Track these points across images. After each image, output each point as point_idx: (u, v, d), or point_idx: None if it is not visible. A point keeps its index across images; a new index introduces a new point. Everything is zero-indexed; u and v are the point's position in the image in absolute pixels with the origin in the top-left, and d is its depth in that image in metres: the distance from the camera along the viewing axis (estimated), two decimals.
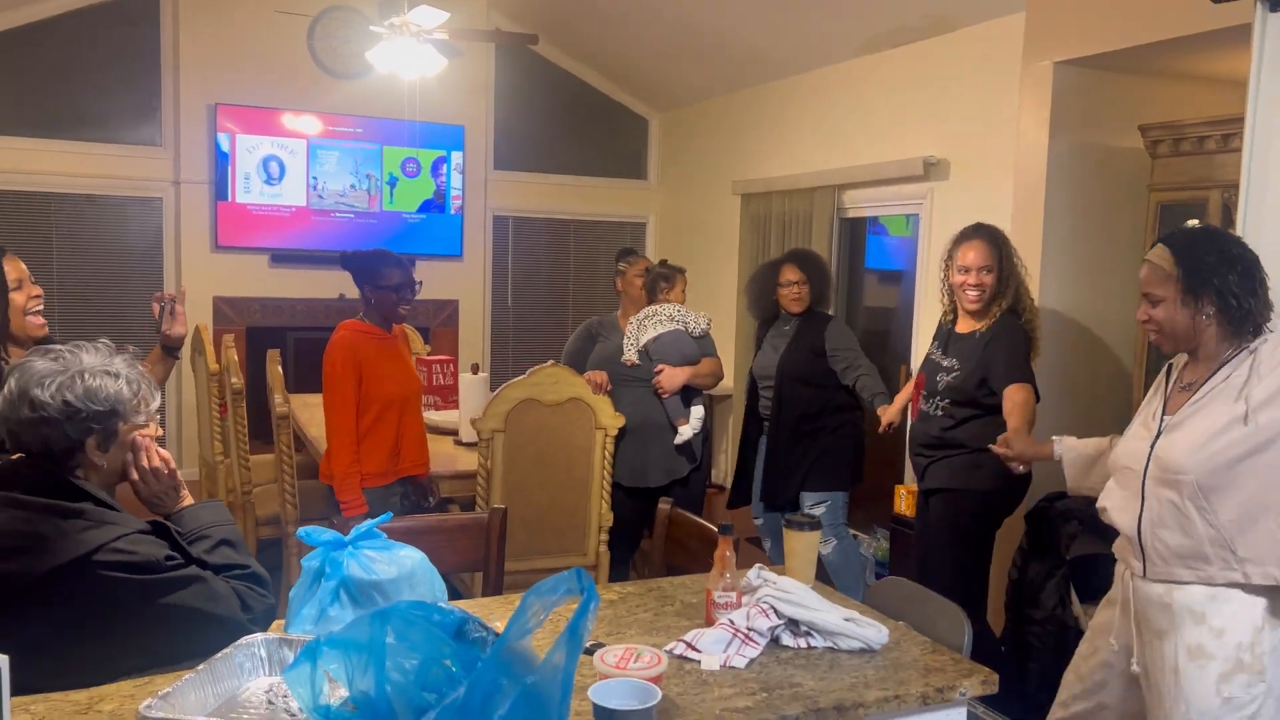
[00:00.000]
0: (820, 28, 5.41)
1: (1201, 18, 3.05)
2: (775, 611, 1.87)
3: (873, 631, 1.85)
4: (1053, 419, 3.79)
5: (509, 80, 7.21)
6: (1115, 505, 2.19)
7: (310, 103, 6.49)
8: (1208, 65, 3.71)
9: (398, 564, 1.82)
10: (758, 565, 2.02)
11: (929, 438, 3.35)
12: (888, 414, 3.76)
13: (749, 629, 1.84)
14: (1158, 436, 2.11)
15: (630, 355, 3.87)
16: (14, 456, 1.73)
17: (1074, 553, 3.40)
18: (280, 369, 4.08)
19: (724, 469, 6.90)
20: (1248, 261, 2.01)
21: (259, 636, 1.66)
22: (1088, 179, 3.94)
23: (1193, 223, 3.10)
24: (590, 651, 1.66)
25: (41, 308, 2.51)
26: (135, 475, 1.77)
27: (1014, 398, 3.14)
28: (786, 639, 1.86)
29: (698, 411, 3.88)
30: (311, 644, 1.35)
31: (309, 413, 4.38)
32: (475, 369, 4.42)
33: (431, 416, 4.24)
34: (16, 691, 1.46)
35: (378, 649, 1.33)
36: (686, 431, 3.85)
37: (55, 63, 6.04)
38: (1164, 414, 2.14)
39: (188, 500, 1.84)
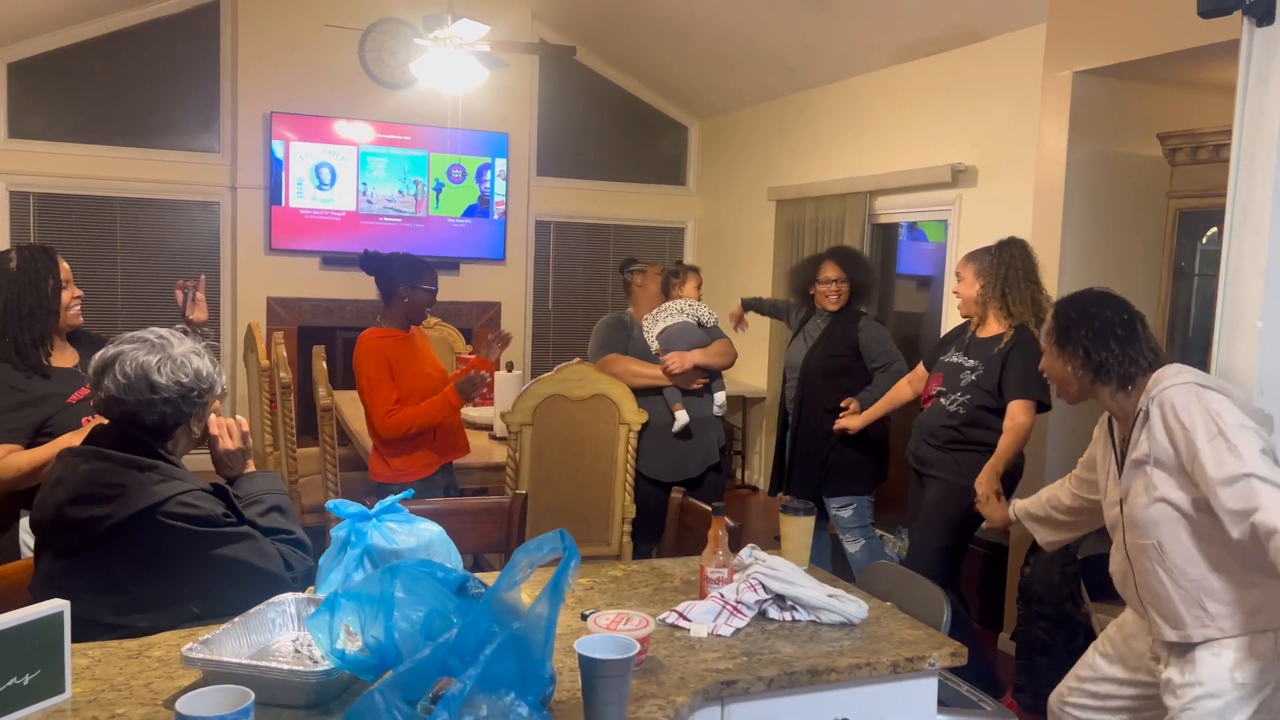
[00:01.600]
0: (852, 39, 5.53)
1: (1216, 29, 3.09)
2: (763, 587, 2.01)
3: (853, 607, 1.99)
4: (1066, 424, 3.86)
5: (552, 89, 7.41)
6: (1116, 572, 2.31)
7: (361, 111, 6.75)
8: (1224, 74, 3.74)
9: (417, 535, 1.99)
10: (750, 545, 2.16)
11: (941, 428, 3.47)
12: (854, 420, 3.91)
13: (737, 602, 1.98)
14: (1123, 500, 2.21)
15: (656, 346, 4.00)
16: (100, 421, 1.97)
17: (1084, 552, 3.47)
18: (325, 364, 4.29)
19: (756, 469, 7.01)
20: (1105, 319, 2.22)
21: (289, 596, 1.84)
22: (1107, 186, 4.01)
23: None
24: (585, 617, 1.82)
25: (79, 306, 2.76)
26: (215, 430, 2.04)
27: (1015, 417, 3.30)
28: (773, 612, 2.00)
29: (719, 398, 3.96)
30: (330, 596, 1.52)
31: (353, 408, 4.58)
32: (510, 367, 4.61)
33: (468, 413, 4.42)
34: (83, 630, 1.67)
35: (388, 601, 1.50)
36: (682, 417, 3.87)
37: (121, 74, 6.39)
38: (1119, 475, 2.24)
39: (251, 467, 2.12)
